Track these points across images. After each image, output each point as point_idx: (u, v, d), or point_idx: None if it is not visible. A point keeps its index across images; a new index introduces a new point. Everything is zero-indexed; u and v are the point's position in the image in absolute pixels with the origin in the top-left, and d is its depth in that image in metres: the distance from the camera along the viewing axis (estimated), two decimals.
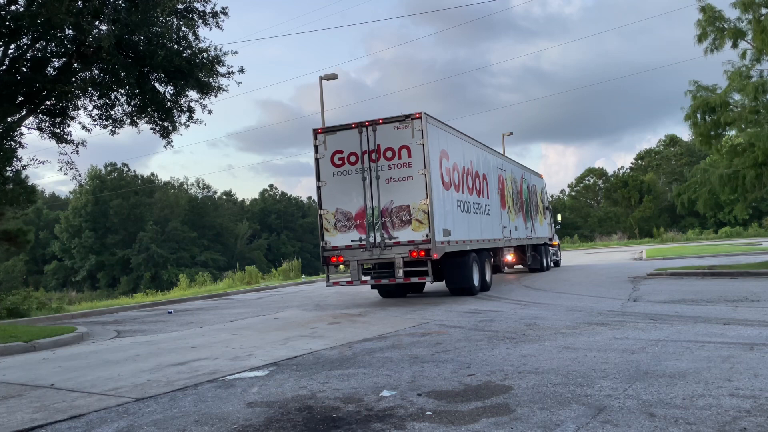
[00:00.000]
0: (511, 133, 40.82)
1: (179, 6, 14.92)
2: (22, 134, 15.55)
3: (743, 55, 17.61)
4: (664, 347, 6.26)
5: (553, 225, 26.61)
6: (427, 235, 11.91)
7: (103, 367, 7.32)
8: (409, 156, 12.21)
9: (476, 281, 14.03)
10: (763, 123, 17.13)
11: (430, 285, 15.76)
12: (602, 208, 75.95)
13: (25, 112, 15.06)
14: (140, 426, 4.47)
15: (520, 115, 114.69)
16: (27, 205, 19.37)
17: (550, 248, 24.73)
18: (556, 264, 25.99)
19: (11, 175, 15.62)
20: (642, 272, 17.70)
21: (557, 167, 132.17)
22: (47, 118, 15.75)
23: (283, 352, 7.45)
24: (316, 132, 12.98)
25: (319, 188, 12.86)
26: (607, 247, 50.35)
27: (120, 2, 14.38)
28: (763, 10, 16.83)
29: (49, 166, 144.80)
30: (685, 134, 76.98)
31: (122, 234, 65.06)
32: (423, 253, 11.92)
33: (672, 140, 77.97)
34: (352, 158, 12.58)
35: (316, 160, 12.85)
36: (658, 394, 4.47)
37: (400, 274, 12.17)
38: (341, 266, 13.01)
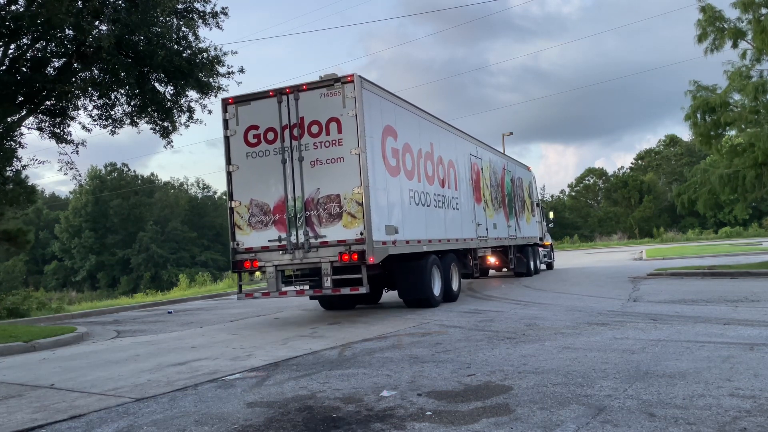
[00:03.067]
0: (511, 133, 40.92)
1: (179, 6, 14.94)
2: (22, 134, 15.62)
3: (743, 55, 17.63)
4: (664, 347, 6.26)
5: (544, 223, 24.38)
6: (361, 233, 9.55)
7: (103, 367, 7.32)
8: (339, 131, 9.79)
9: (437, 290, 11.81)
10: (763, 123, 17.14)
11: (387, 294, 13.88)
12: (602, 208, 75.99)
13: (25, 112, 15.08)
14: (140, 426, 4.47)
15: (520, 115, 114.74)
16: (27, 205, 19.42)
17: (541, 249, 22.76)
18: (549, 266, 24.13)
19: (11, 175, 15.65)
20: (642, 272, 17.71)
21: (557, 167, 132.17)
22: (47, 118, 15.78)
23: (283, 352, 7.45)
24: (225, 102, 10.55)
25: (229, 174, 10.46)
26: (607, 248, 50.36)
27: (120, 2, 14.39)
28: (763, 10, 16.83)
29: (49, 166, 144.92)
30: (685, 134, 77.05)
31: (122, 234, 65.06)
32: (356, 257, 9.54)
33: (672, 140, 78.02)
34: (270, 135, 10.18)
35: (226, 139, 10.47)
36: (658, 394, 4.47)
37: (327, 283, 9.76)
38: (257, 273, 10.62)
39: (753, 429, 3.62)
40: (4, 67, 14.00)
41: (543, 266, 23.11)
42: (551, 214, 26.94)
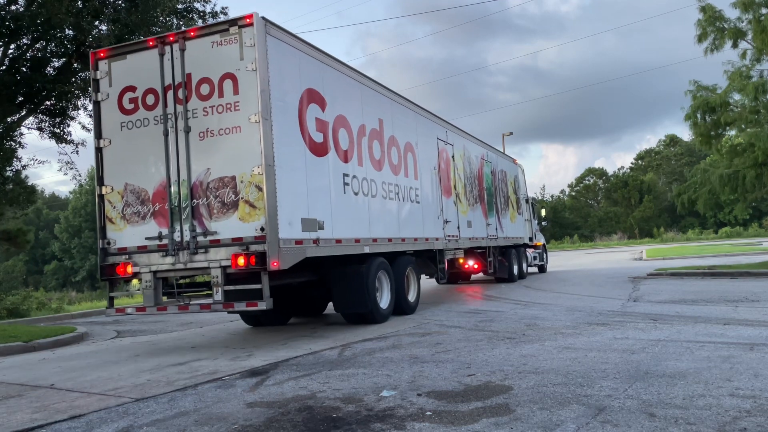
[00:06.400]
0: (511, 133, 41.01)
1: (179, 6, 14.96)
2: (22, 134, 15.65)
3: (743, 55, 17.67)
4: (664, 347, 6.26)
5: (534, 222, 22.11)
6: (262, 229, 7.21)
7: (103, 367, 7.32)
8: (236, 91, 7.42)
9: (384, 301, 9.79)
10: (763, 123, 17.17)
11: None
12: (602, 208, 76.03)
13: (25, 112, 15.10)
14: (140, 426, 4.47)
15: (519, 115, 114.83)
16: (27, 205, 19.44)
17: (530, 251, 20.78)
18: (541, 269, 22.03)
19: (11, 175, 15.67)
20: (642, 272, 17.70)
21: (557, 167, 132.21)
22: (47, 118, 15.80)
23: (283, 352, 7.45)
24: (96, 57, 8.18)
25: (98, 151, 8.10)
26: (607, 248, 50.37)
27: (120, 2, 14.40)
28: (763, 10, 16.86)
29: (49, 166, 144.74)
30: (685, 134, 77.15)
31: None
32: (254, 260, 7.16)
33: (672, 140, 78.09)
34: (150, 99, 7.86)
35: (96, 104, 8.16)
36: (658, 394, 4.47)
37: (218, 295, 7.37)
38: (134, 281, 8.25)
39: (753, 429, 3.62)
40: (4, 67, 14.01)
41: (534, 269, 21.55)
42: (543, 212, 24.79)
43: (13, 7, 13.71)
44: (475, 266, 16.64)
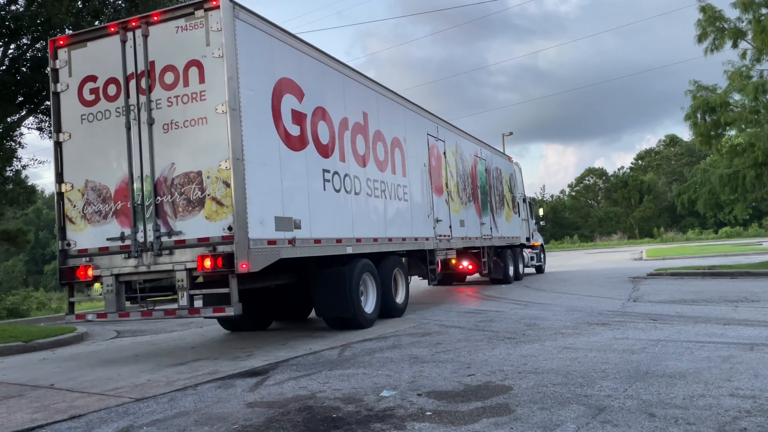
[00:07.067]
0: (511, 133, 41.02)
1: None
2: (22, 134, 15.63)
3: (743, 55, 17.70)
4: (664, 347, 6.26)
5: (532, 222, 21.65)
6: (229, 228, 6.71)
7: (103, 367, 7.32)
8: (202, 80, 6.92)
9: (369, 305, 9.36)
10: (763, 123, 17.18)
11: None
12: (602, 208, 76.07)
13: (25, 112, 15.10)
14: (140, 426, 4.47)
15: (519, 115, 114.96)
16: (27, 205, 19.46)
17: (527, 251, 20.32)
18: (539, 270, 21.57)
19: (11, 175, 15.67)
20: (642, 272, 17.71)
21: (557, 167, 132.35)
22: (47, 118, 15.79)
23: (283, 352, 7.45)
24: (55, 45, 7.66)
25: (58, 145, 7.61)
26: (608, 248, 50.39)
27: (120, 2, 14.40)
28: (763, 10, 16.88)
29: (48, 166, 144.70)
30: (685, 134, 77.19)
31: None
32: (221, 262, 6.69)
33: (672, 140, 78.15)
34: (112, 89, 7.34)
35: (55, 95, 7.64)
36: (658, 394, 4.47)
37: (183, 300, 6.87)
38: (95, 285, 7.71)
39: (753, 429, 3.62)
40: (4, 67, 14.01)
41: (531, 270, 21.20)
42: (541, 212, 24.15)
43: (13, 7, 13.72)
44: (470, 267, 16.19)
